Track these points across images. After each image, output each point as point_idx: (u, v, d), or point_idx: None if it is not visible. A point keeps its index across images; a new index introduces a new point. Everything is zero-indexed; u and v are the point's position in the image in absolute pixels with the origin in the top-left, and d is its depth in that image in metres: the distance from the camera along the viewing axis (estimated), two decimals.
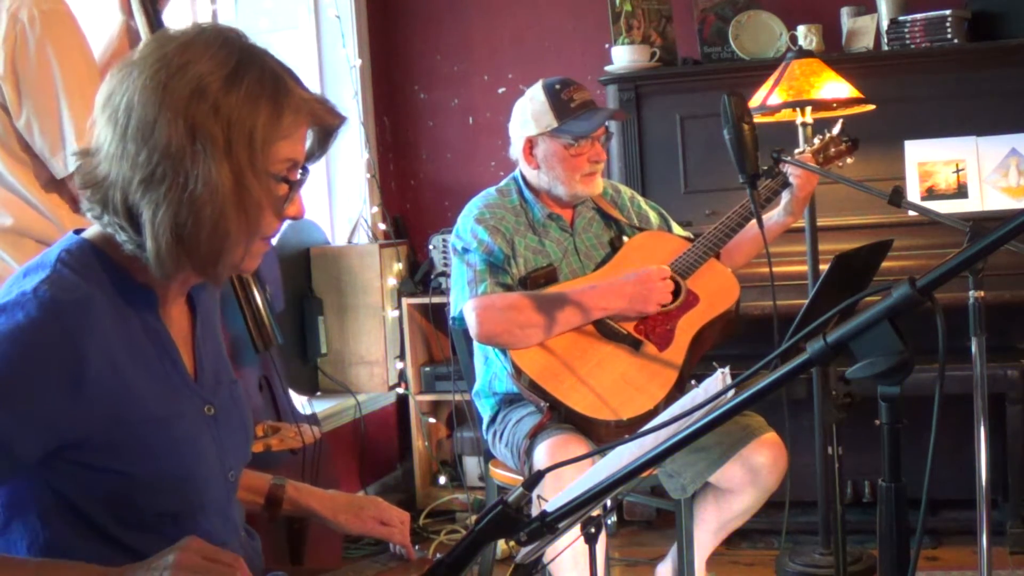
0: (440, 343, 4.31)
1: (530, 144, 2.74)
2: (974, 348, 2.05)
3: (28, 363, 1.21)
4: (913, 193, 3.53)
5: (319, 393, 4.02)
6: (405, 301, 4.11)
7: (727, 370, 1.36)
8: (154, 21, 2.34)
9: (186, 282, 1.40)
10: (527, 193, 2.78)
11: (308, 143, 1.37)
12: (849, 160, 2.83)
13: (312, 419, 2.94)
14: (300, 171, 1.35)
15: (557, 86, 2.73)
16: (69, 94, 2.13)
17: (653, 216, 2.91)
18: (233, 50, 1.29)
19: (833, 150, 2.79)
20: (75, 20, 2.20)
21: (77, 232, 1.36)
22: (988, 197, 3.49)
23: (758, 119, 2.82)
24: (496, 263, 2.65)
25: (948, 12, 3.59)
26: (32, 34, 2.11)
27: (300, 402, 3.58)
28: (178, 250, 1.26)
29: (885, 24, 3.73)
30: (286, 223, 1.40)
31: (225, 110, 1.25)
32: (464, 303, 2.63)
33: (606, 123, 2.74)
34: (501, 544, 3.29)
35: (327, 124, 1.37)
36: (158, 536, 1.30)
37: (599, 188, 2.76)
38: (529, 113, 2.73)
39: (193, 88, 1.25)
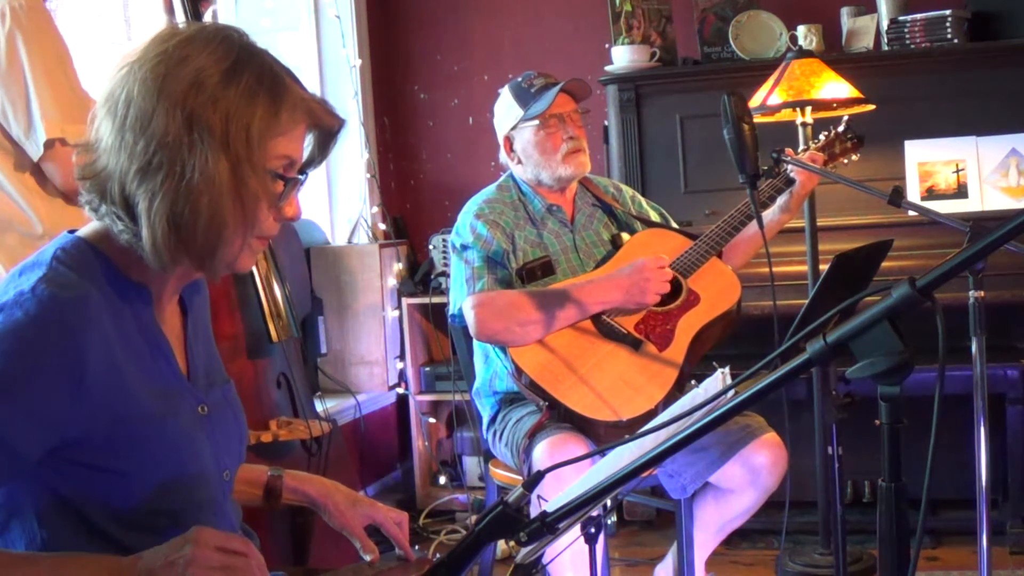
0: (440, 343, 4.31)
1: (509, 142, 2.78)
2: (974, 348, 2.05)
3: (30, 361, 1.21)
4: (913, 193, 3.53)
5: (319, 393, 4.01)
6: (405, 301, 4.12)
7: (727, 370, 1.36)
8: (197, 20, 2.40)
9: (181, 279, 1.41)
10: (524, 187, 2.79)
11: (308, 150, 1.37)
12: (855, 157, 2.83)
13: (331, 421, 2.99)
14: (298, 173, 1.35)
15: (520, 79, 2.78)
16: (36, 79, 2.22)
17: (654, 216, 2.90)
18: (233, 46, 1.30)
19: (839, 147, 2.79)
20: (46, 13, 2.31)
21: (72, 231, 1.36)
22: (988, 197, 3.49)
23: (758, 119, 2.82)
24: (495, 259, 2.65)
25: (948, 12, 3.59)
26: (2, 27, 2.22)
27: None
28: (174, 239, 1.27)
29: (885, 24, 3.73)
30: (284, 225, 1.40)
31: (223, 103, 1.26)
32: (463, 301, 2.63)
33: (577, 101, 2.74)
34: (501, 544, 3.29)
35: (325, 125, 1.38)
36: (156, 536, 1.30)
37: (586, 167, 2.76)
38: (501, 113, 2.79)
39: (192, 80, 1.26)
